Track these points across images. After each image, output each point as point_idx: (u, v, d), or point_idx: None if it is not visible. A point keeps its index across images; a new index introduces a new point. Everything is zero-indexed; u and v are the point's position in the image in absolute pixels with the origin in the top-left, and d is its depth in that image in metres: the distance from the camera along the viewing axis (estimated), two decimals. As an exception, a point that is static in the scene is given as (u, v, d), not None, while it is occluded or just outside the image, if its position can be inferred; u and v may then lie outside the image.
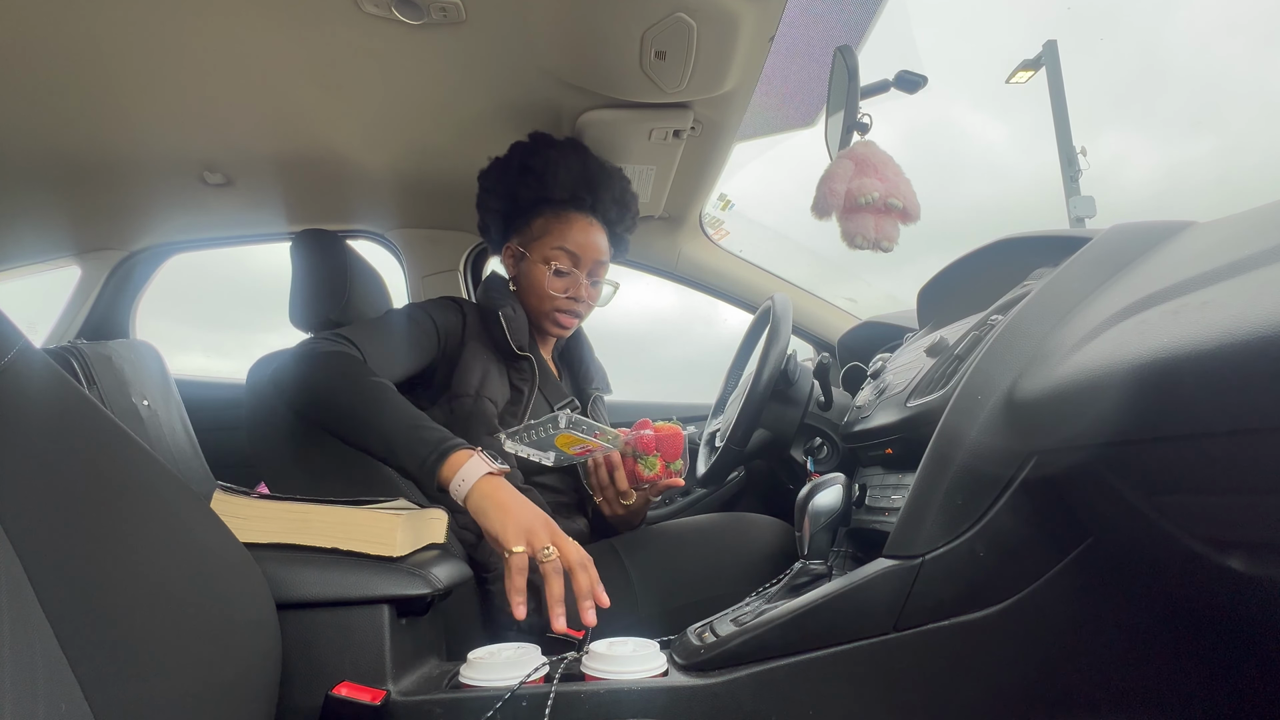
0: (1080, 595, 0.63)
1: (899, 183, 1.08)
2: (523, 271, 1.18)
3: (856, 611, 0.69)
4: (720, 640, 0.73)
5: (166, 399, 1.38)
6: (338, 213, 1.69)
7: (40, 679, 0.43)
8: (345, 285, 1.21)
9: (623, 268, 1.83)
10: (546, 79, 1.15)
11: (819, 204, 1.11)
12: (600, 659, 0.71)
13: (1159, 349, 0.47)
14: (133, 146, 1.33)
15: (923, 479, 0.70)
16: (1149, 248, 0.72)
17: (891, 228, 1.08)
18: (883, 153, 1.10)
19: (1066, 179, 7.59)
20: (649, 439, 1.02)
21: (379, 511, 0.77)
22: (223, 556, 0.63)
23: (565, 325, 1.19)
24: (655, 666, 0.71)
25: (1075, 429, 0.55)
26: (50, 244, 1.74)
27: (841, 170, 1.09)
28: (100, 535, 0.52)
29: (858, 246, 1.08)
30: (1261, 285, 0.46)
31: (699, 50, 1.03)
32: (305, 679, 0.69)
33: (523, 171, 1.17)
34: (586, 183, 1.18)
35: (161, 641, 0.54)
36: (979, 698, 0.67)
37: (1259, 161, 59.16)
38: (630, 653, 0.71)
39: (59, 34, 1.01)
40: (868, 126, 1.13)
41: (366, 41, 1.05)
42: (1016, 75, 8.28)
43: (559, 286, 1.16)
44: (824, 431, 1.15)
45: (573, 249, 1.15)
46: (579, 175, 1.17)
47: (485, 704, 0.67)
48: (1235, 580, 0.50)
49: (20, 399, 0.49)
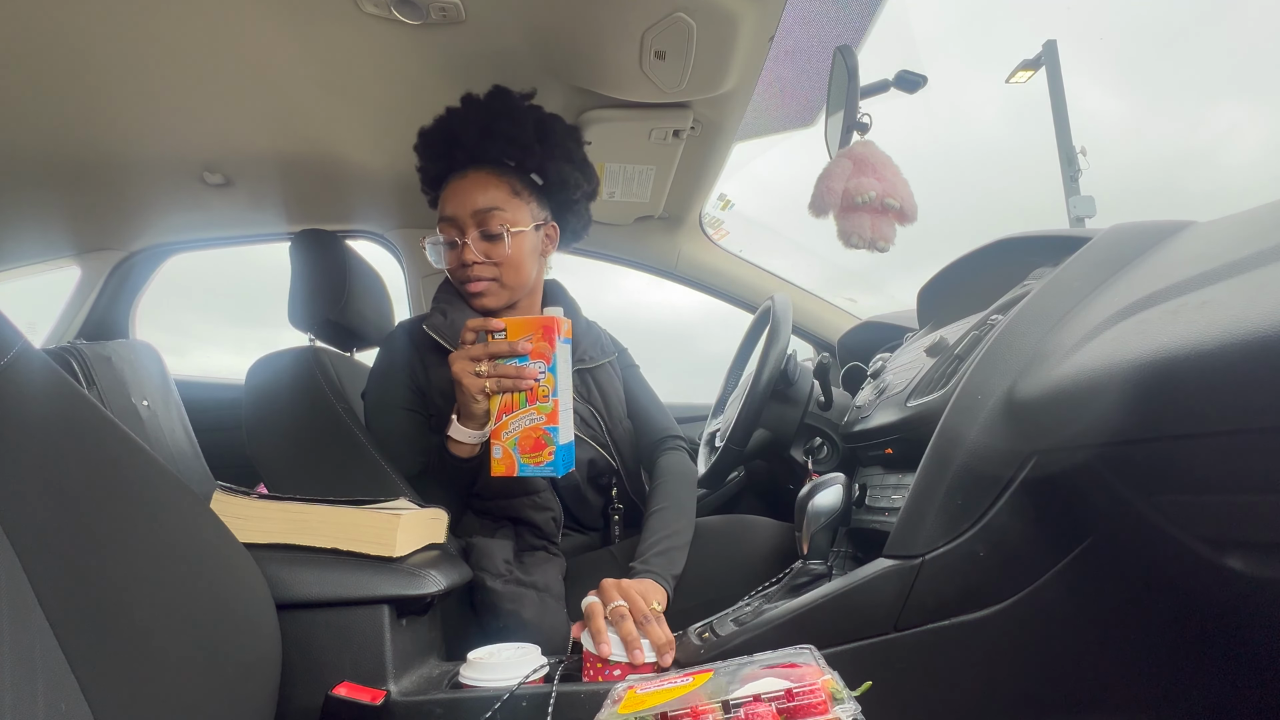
0: (1080, 595, 0.63)
1: (897, 183, 1.08)
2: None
3: (856, 611, 0.69)
4: (720, 640, 0.73)
5: (166, 399, 1.38)
6: (337, 213, 1.69)
7: (40, 679, 0.43)
8: (345, 285, 1.21)
9: (622, 268, 1.83)
10: (546, 79, 1.15)
11: (816, 202, 1.11)
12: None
13: (1158, 349, 0.47)
14: (133, 146, 1.33)
15: (923, 479, 0.70)
16: (1148, 248, 0.72)
17: (888, 227, 1.08)
18: (881, 153, 1.10)
19: (1066, 179, 7.59)
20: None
21: (379, 511, 0.77)
22: (222, 557, 0.63)
23: (478, 294, 1.05)
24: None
25: (1075, 429, 0.55)
26: (50, 244, 1.74)
27: (839, 169, 1.09)
28: (100, 535, 0.51)
29: (854, 246, 1.08)
30: (1261, 285, 0.46)
31: (699, 50, 1.03)
32: (305, 679, 0.69)
33: (419, 153, 1.10)
34: (446, 140, 1.06)
35: (161, 641, 0.54)
36: (979, 698, 0.67)
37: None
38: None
39: (59, 34, 1.01)
40: (867, 126, 1.13)
41: (366, 41, 1.05)
42: (1016, 75, 8.28)
43: (451, 260, 1.05)
44: (824, 431, 1.15)
45: (448, 213, 1.04)
46: (441, 141, 1.07)
47: (485, 704, 0.67)
48: (1235, 580, 0.50)
49: (20, 399, 0.49)
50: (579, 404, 1.11)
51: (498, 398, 0.87)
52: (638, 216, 1.64)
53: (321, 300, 1.20)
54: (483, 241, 1.04)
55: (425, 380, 1.06)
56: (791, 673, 0.53)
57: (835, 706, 0.49)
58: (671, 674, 0.61)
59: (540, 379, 0.85)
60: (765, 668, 0.56)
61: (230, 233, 1.78)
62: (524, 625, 0.89)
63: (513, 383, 0.85)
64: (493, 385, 0.86)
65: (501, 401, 0.86)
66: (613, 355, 1.21)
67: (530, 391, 0.85)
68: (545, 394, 0.85)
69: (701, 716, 0.51)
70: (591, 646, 0.74)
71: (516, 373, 0.85)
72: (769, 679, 0.52)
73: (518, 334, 0.86)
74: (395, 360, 1.07)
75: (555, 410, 0.85)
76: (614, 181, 1.46)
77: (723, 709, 0.50)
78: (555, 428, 0.84)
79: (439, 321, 1.06)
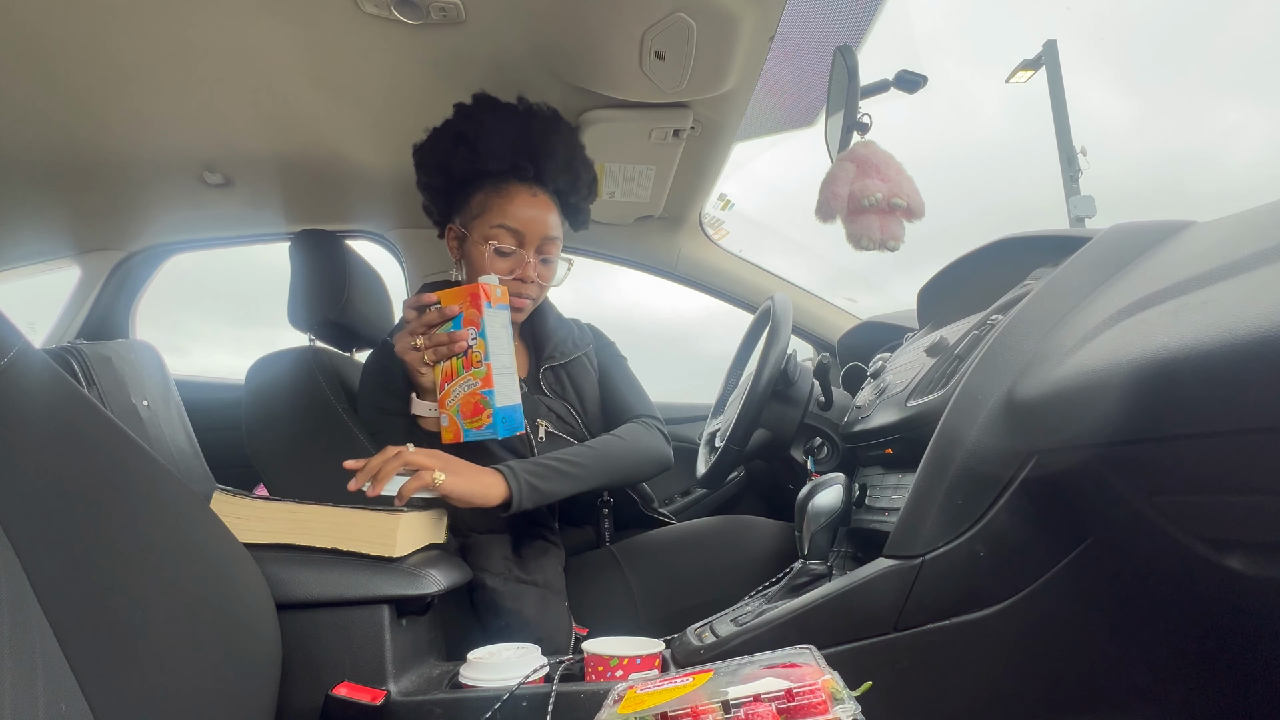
0: (1080, 595, 0.63)
1: (901, 181, 1.08)
2: (466, 254, 1.07)
3: (857, 611, 0.69)
4: (720, 640, 0.73)
5: (166, 399, 1.38)
6: (337, 213, 1.69)
7: (40, 679, 0.43)
8: (345, 285, 1.21)
9: (622, 267, 1.83)
10: (546, 79, 1.15)
11: (822, 208, 1.11)
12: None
13: (1159, 349, 0.47)
14: (133, 146, 1.33)
15: (923, 479, 0.70)
16: (1148, 248, 0.72)
17: (897, 227, 1.08)
18: (883, 152, 1.10)
19: (1066, 179, 7.59)
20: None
21: (378, 512, 0.77)
22: (223, 557, 0.63)
23: (520, 309, 1.07)
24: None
25: (1075, 429, 0.55)
26: (50, 244, 1.74)
27: (843, 173, 1.09)
28: (100, 535, 0.51)
29: (864, 248, 1.08)
30: (1261, 285, 0.46)
31: (699, 50, 1.03)
32: (305, 679, 0.69)
33: (456, 141, 1.06)
34: (527, 150, 1.05)
35: (161, 642, 0.54)
36: (979, 698, 0.67)
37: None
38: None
39: (59, 34, 1.01)
40: (868, 126, 1.13)
41: (366, 41, 1.05)
42: (1016, 75, 8.27)
43: (503, 268, 1.04)
44: (824, 431, 1.15)
45: (515, 225, 1.03)
46: (517, 141, 1.05)
47: (485, 704, 0.67)
48: (1235, 580, 0.50)
49: (20, 399, 0.49)
50: (553, 401, 1.11)
51: (439, 368, 0.92)
52: (638, 216, 1.63)
53: (321, 300, 1.20)
54: (540, 265, 1.07)
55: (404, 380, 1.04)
56: (791, 673, 0.53)
57: (835, 706, 0.49)
58: (672, 674, 0.61)
59: (472, 344, 0.89)
60: (765, 668, 0.55)
61: (230, 233, 1.78)
62: (526, 623, 0.89)
63: (446, 349, 0.90)
64: (430, 355, 0.91)
65: (443, 371, 0.91)
66: (587, 348, 1.19)
67: (465, 358, 0.89)
68: (478, 359, 0.89)
69: (701, 716, 0.50)
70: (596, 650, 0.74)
71: (449, 339, 0.90)
72: (769, 679, 0.52)
73: (449, 303, 0.91)
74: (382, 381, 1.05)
75: (489, 374, 0.88)
76: (614, 181, 1.46)
77: (723, 709, 0.50)
78: (491, 390, 0.88)
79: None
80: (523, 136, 1.06)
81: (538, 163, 1.07)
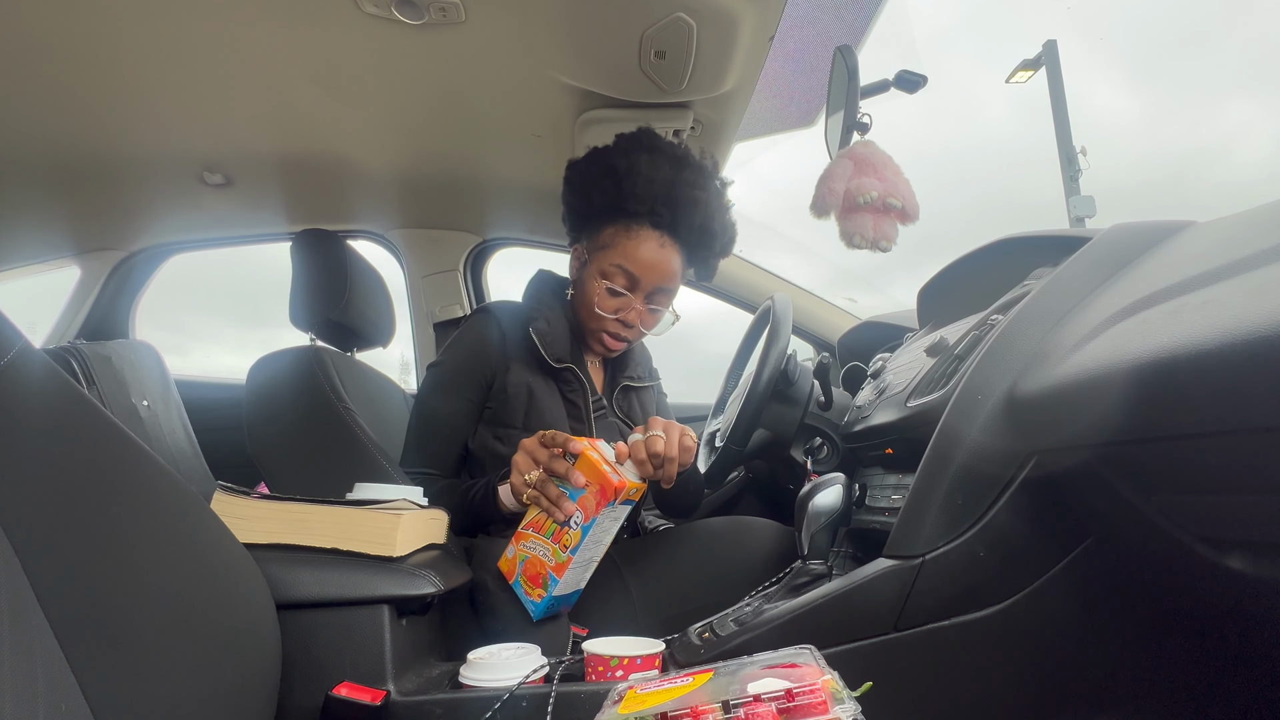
0: (1080, 595, 0.63)
1: (898, 183, 1.08)
2: (581, 279, 1.10)
3: (857, 611, 0.69)
4: (720, 640, 0.73)
5: (166, 399, 1.38)
6: (338, 213, 1.69)
7: (40, 679, 0.43)
8: (345, 285, 1.21)
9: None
10: (546, 79, 1.15)
11: (817, 203, 1.11)
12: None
13: (1159, 349, 0.47)
14: (133, 146, 1.33)
15: (923, 479, 0.70)
16: (1149, 247, 0.72)
17: (890, 227, 1.09)
18: (882, 153, 1.10)
19: (1066, 179, 7.59)
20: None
21: (379, 511, 0.77)
22: (223, 557, 0.63)
23: (610, 348, 1.10)
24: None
25: (1075, 429, 0.55)
26: (50, 244, 1.74)
27: (840, 170, 1.09)
28: (100, 536, 0.51)
29: (856, 246, 1.08)
30: (1261, 285, 0.46)
31: (699, 50, 1.03)
32: (305, 679, 0.69)
33: (606, 173, 1.06)
34: (668, 199, 1.04)
35: (161, 642, 0.53)
36: (979, 698, 0.67)
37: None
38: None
39: (59, 34, 1.01)
40: (868, 126, 1.13)
41: (366, 41, 1.05)
42: (1016, 75, 8.27)
43: (610, 306, 1.06)
44: (824, 431, 1.15)
45: (633, 269, 1.05)
46: (662, 189, 1.04)
47: (485, 704, 0.67)
48: (1235, 580, 0.50)
49: (20, 399, 0.49)
50: (620, 425, 1.15)
51: (534, 508, 0.86)
52: (638, 216, 1.63)
53: (322, 300, 1.20)
54: (647, 313, 1.09)
55: (504, 373, 1.08)
56: (791, 673, 0.53)
57: (835, 706, 0.49)
58: (672, 674, 0.61)
59: (572, 526, 0.82)
60: (765, 668, 0.55)
61: (230, 233, 1.78)
62: (524, 627, 0.89)
63: (547, 505, 0.84)
64: (531, 494, 0.85)
65: (536, 513, 0.86)
66: (658, 380, 1.27)
67: (558, 529, 0.83)
68: (567, 544, 0.83)
69: (701, 716, 0.50)
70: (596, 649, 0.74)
71: (556, 498, 0.83)
72: (769, 679, 0.52)
73: (583, 470, 0.83)
74: (479, 349, 1.08)
75: (566, 564, 0.83)
76: (614, 181, 1.46)
77: (723, 709, 0.50)
78: (556, 579, 0.83)
79: (544, 329, 1.08)
80: (668, 185, 1.04)
81: (675, 213, 1.05)
